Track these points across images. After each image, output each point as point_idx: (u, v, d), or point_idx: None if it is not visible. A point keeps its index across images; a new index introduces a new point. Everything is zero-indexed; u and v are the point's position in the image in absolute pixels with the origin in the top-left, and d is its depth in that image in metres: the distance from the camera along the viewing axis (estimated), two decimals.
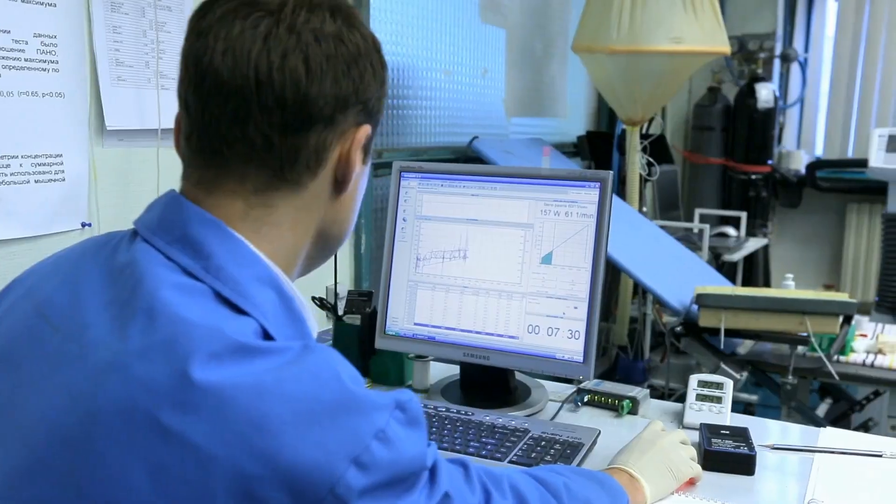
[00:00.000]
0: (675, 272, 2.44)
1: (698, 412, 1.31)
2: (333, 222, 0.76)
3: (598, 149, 3.33)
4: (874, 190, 3.86)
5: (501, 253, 1.36)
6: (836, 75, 4.65)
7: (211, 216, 0.68)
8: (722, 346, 2.08)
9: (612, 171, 1.31)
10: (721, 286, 2.20)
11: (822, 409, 2.71)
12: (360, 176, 0.77)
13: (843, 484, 1.10)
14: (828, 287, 4.76)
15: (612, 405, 1.36)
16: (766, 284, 4.30)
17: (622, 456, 1.06)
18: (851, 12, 4.55)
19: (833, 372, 1.96)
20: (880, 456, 1.17)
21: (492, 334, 1.36)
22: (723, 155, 4.62)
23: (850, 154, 4.56)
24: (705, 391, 1.35)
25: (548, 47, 3.00)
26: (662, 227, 3.06)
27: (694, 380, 1.37)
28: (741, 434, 1.19)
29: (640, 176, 2.81)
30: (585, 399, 1.39)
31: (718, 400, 1.32)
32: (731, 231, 3.32)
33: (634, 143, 2.77)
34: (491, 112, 2.69)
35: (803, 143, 4.85)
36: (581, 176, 1.33)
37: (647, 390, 1.41)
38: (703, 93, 4.69)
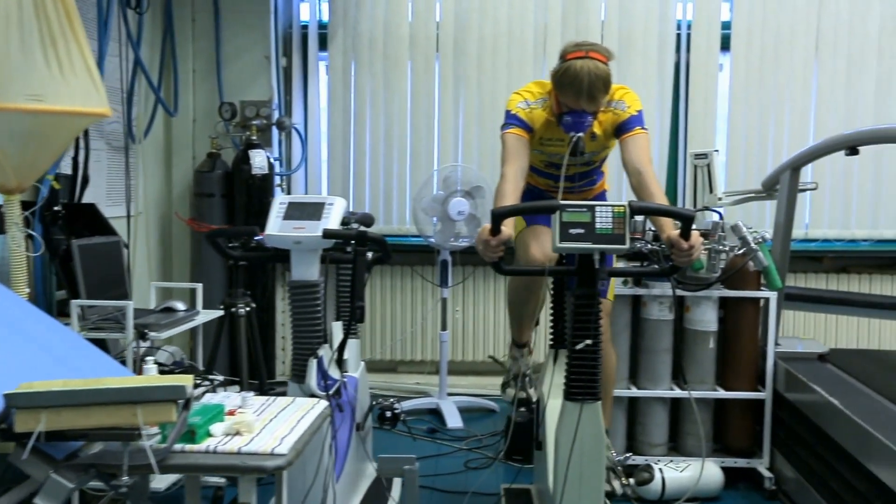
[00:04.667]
0: (36, 367, 2.09)
1: None
2: None
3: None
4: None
5: None
6: (332, 143, 4.85)
7: None
8: (29, 448, 1.75)
9: None
10: (52, 381, 1.90)
11: None
12: None
13: None
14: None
15: None
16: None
17: None
18: (340, 87, 4.80)
19: (154, 465, 1.77)
20: None
21: None
22: (226, 221, 4.51)
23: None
24: None
25: None
26: (89, 307, 2.72)
27: None
28: None
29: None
30: None
31: None
32: (179, 305, 3.10)
33: (13, 217, 2.40)
34: None
35: None
36: None
37: None
38: (203, 159, 4.56)
